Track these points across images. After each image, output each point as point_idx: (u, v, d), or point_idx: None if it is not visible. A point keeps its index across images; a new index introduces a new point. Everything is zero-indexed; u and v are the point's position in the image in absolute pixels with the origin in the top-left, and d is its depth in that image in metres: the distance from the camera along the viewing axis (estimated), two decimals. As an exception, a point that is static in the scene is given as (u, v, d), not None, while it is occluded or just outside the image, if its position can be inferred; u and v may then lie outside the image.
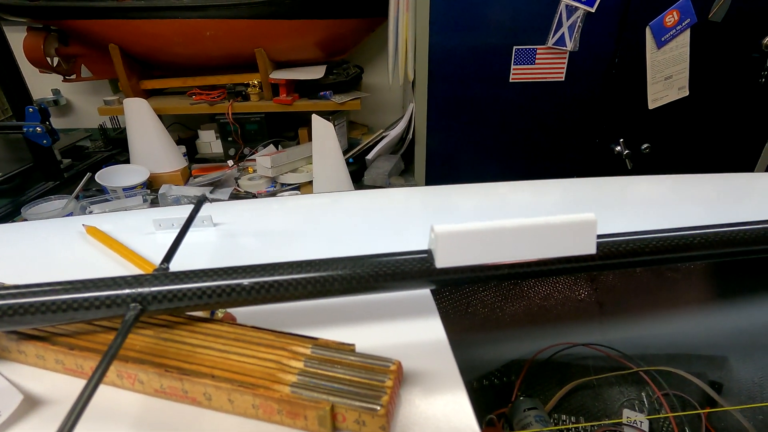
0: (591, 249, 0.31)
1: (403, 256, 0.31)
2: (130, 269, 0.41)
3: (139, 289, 0.28)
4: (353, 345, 0.29)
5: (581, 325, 0.64)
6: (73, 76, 1.49)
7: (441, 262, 0.30)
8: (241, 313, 0.35)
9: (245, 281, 0.29)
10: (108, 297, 0.28)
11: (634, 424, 0.58)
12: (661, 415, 0.56)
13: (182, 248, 0.39)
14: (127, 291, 0.28)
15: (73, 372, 0.30)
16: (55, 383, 0.30)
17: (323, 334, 0.31)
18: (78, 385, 0.29)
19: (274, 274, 0.29)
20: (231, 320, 0.33)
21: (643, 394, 0.61)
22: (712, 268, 0.64)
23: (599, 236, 0.32)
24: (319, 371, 0.27)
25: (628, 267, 0.32)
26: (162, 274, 0.29)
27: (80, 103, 1.75)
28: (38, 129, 1.20)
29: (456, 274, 0.31)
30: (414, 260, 0.31)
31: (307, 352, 0.28)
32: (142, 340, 0.30)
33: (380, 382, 0.26)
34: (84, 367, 0.29)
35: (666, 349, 0.64)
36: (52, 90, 1.69)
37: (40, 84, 1.64)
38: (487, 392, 0.62)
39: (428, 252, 0.31)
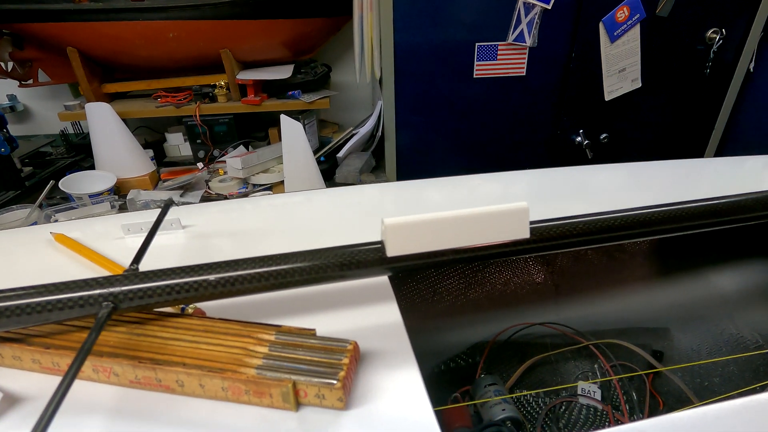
0: (525, 234, 0.35)
1: (359, 247, 0.34)
2: (101, 273, 0.43)
3: (111, 289, 0.30)
4: (314, 330, 0.32)
5: (539, 306, 0.69)
6: (30, 81, 1.44)
7: (391, 251, 0.33)
8: (210, 307, 0.37)
9: (211, 277, 0.31)
10: (81, 297, 0.30)
11: (588, 394, 0.63)
12: (609, 378, 0.62)
13: (151, 251, 0.41)
14: (99, 291, 0.30)
15: (50, 370, 0.31)
16: (33, 381, 0.32)
17: (288, 322, 0.33)
18: (55, 381, 0.31)
19: (237, 269, 0.32)
20: (201, 315, 0.36)
21: (595, 366, 0.66)
22: (656, 247, 0.70)
23: (532, 222, 0.35)
24: (283, 354, 0.30)
25: (560, 248, 0.37)
26: (132, 273, 0.31)
27: (39, 108, 1.69)
28: (-5, 137, 1.16)
29: (406, 262, 0.34)
30: (368, 250, 0.34)
31: (272, 338, 0.31)
32: (116, 336, 0.32)
33: (338, 360, 0.29)
34: (60, 365, 0.31)
35: (616, 324, 0.69)
36: (7, 95, 1.63)
37: (-5, 89, 1.58)
38: (454, 373, 0.66)
39: (381, 242, 0.34)
